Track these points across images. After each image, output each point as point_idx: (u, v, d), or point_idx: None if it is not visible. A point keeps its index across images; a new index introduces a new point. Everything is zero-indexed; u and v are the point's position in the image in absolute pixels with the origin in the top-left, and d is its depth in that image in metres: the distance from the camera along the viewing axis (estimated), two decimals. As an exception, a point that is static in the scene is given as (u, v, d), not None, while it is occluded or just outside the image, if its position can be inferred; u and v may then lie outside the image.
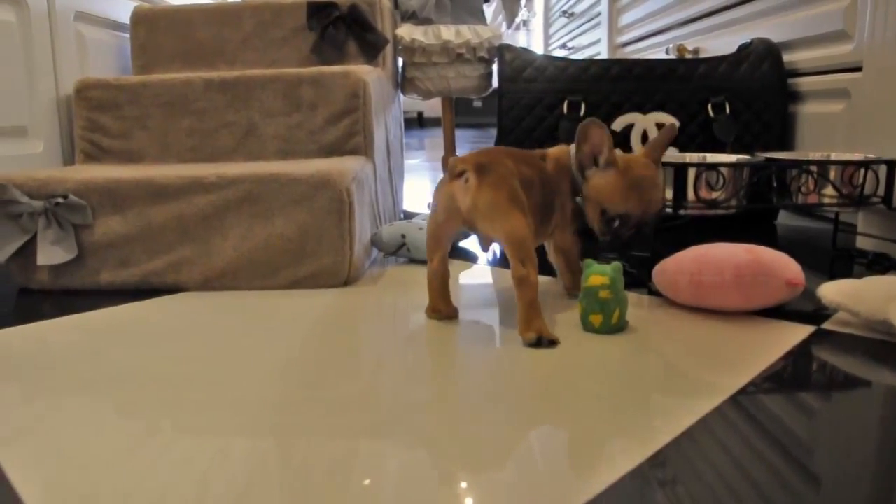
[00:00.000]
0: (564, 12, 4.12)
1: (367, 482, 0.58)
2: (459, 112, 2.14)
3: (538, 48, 5.24)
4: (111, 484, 0.59)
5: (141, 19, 1.72)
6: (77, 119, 1.48)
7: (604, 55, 3.25)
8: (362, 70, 1.41)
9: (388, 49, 1.71)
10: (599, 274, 0.93)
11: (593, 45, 3.51)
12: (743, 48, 1.69)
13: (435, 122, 7.22)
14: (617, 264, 0.94)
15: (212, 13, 1.71)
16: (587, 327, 0.94)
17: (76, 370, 0.86)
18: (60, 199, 1.21)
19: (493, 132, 1.63)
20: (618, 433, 0.66)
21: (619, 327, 0.94)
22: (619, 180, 1.01)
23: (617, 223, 1.03)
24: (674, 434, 0.65)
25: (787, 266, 0.98)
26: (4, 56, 1.36)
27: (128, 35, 1.78)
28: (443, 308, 1.02)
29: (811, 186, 1.20)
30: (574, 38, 3.99)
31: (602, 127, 1.02)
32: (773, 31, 1.72)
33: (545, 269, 1.08)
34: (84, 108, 1.47)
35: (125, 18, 1.76)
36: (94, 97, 1.47)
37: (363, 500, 0.55)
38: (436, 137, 5.69)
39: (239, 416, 0.72)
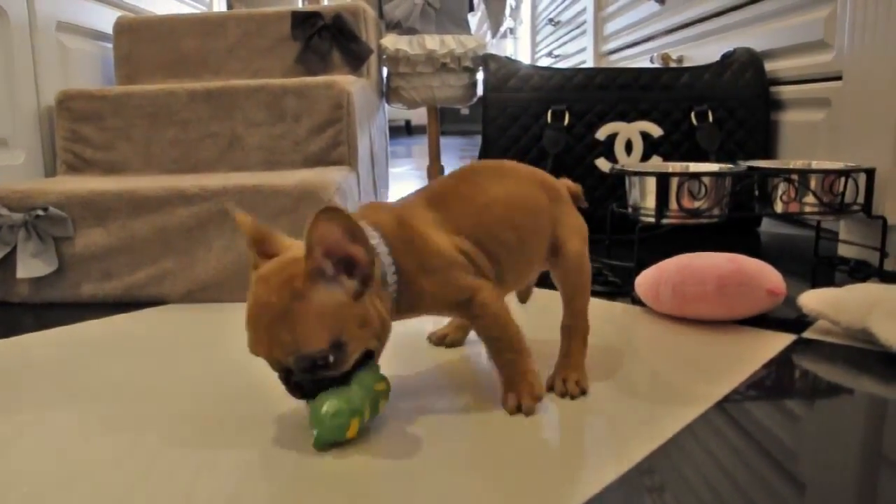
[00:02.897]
0: (551, 20, 4.14)
1: (357, 496, 0.58)
2: (446, 120, 2.15)
3: (525, 56, 5.26)
4: (95, 499, 0.58)
5: (124, 29, 1.71)
6: (59, 130, 1.47)
7: (589, 63, 3.27)
8: (346, 80, 1.41)
9: (373, 59, 1.71)
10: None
11: (579, 53, 3.53)
12: (726, 57, 1.71)
13: (422, 131, 7.22)
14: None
15: (196, 23, 1.70)
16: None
17: (59, 383, 0.86)
18: (41, 212, 1.20)
19: (480, 140, 1.64)
20: (602, 441, 0.66)
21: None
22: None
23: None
24: (659, 441, 0.65)
25: (768, 275, 0.99)
26: (-15, 67, 1.35)
27: (111, 45, 1.77)
28: (450, 332, 0.95)
29: (792, 195, 1.21)
30: (560, 46, 4.01)
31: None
32: (755, 40, 1.73)
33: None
34: (66, 119, 1.47)
35: (108, 28, 1.75)
36: (77, 108, 1.46)
37: (342, 516, 0.55)
38: (423, 146, 5.69)
39: (223, 429, 0.71)
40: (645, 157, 1.62)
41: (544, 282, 0.89)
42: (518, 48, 6.05)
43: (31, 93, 1.48)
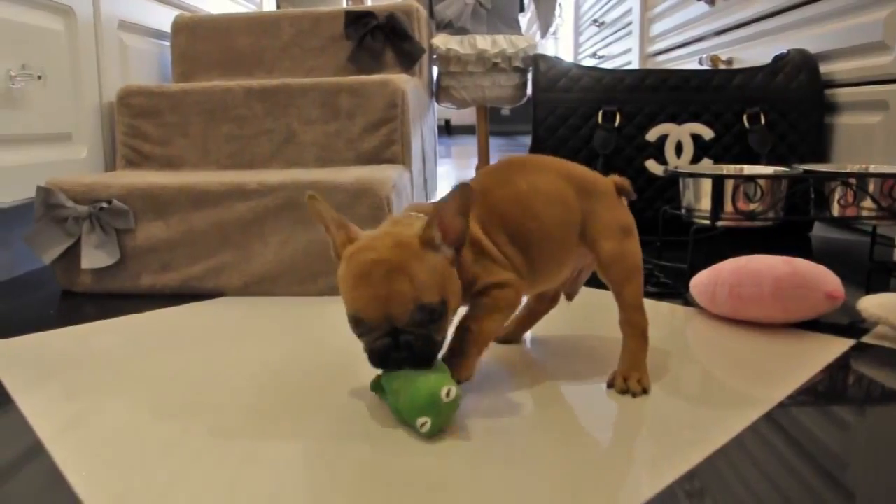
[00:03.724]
0: (595, 21, 4.12)
1: (394, 488, 0.59)
2: (489, 120, 2.16)
3: (567, 57, 5.24)
4: (144, 484, 0.60)
5: (182, 27, 1.75)
6: (119, 125, 1.51)
7: (634, 64, 3.25)
8: (401, 79, 1.43)
9: (424, 58, 1.73)
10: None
11: (624, 54, 3.51)
12: (779, 59, 1.69)
13: (462, 131, 7.24)
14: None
15: (251, 22, 1.73)
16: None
17: (116, 371, 0.88)
18: (104, 205, 1.23)
19: (523, 140, 1.64)
20: (654, 446, 0.66)
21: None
22: (343, 271, 0.71)
23: (361, 330, 0.70)
24: (715, 446, 0.65)
25: (826, 278, 0.98)
26: (53, 64, 1.39)
27: (167, 43, 1.81)
28: (509, 328, 0.94)
29: (850, 199, 1.19)
30: (605, 46, 3.99)
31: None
32: (808, 41, 1.71)
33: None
34: (126, 115, 1.50)
35: (166, 27, 1.80)
36: (137, 104, 1.50)
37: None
38: (463, 146, 5.71)
39: (274, 420, 0.73)
40: (695, 159, 1.61)
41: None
42: (559, 48, 6.03)
43: (94, 89, 1.52)
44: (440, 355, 0.72)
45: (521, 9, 1.85)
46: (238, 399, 0.78)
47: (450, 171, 3.63)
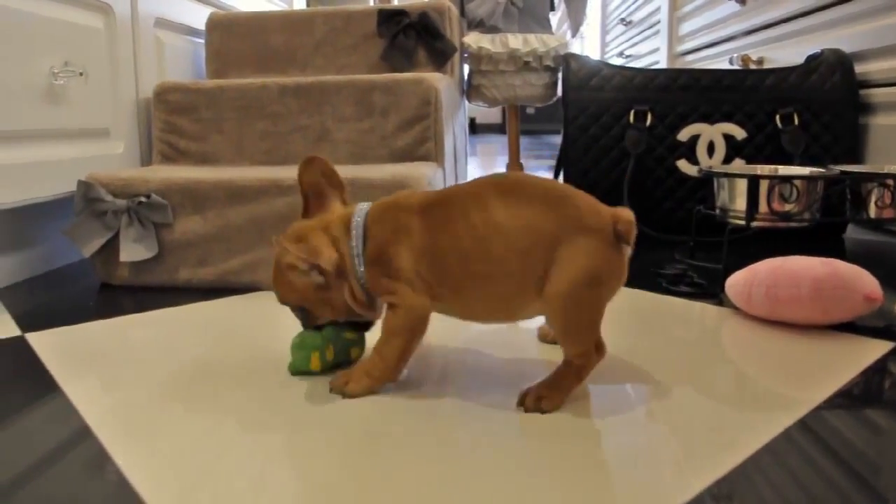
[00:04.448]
0: (622, 20, 4.11)
1: (420, 484, 0.60)
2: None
3: (593, 56, 5.22)
4: (174, 479, 0.61)
5: (216, 25, 1.77)
6: (155, 121, 1.54)
7: (662, 64, 3.23)
8: (434, 77, 1.44)
9: (455, 57, 1.74)
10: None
11: (651, 53, 3.49)
12: (812, 58, 1.68)
13: (486, 129, 7.24)
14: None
15: (285, 19, 1.75)
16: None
17: (152, 364, 0.90)
18: (143, 199, 1.25)
19: (547, 139, 1.65)
20: (691, 448, 0.66)
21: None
22: None
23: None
24: (747, 450, 0.64)
25: (864, 280, 0.97)
26: (93, 61, 1.41)
27: (201, 40, 1.83)
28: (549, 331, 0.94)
29: (887, 200, 1.18)
30: (631, 46, 3.97)
31: None
32: (841, 41, 1.70)
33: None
34: (163, 111, 1.53)
35: (200, 24, 1.82)
36: (173, 100, 1.52)
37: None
38: (488, 144, 5.71)
39: (305, 416, 0.74)
40: (727, 159, 1.60)
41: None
42: (585, 47, 6.01)
43: (131, 85, 1.54)
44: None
45: (552, 7, 1.86)
46: (269, 394, 0.79)
47: (474, 171, 3.64)
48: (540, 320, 0.86)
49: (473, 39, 1.75)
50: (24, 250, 1.38)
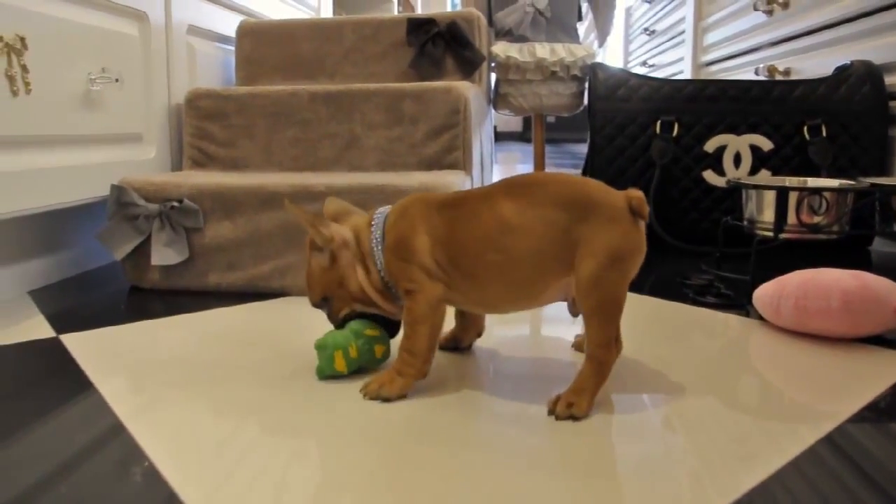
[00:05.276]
0: (646, 29, 4.10)
1: (439, 487, 0.60)
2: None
3: (616, 65, 5.21)
4: (204, 473, 0.63)
5: (247, 32, 1.79)
6: (186, 127, 1.56)
7: (686, 74, 3.23)
8: (463, 86, 1.45)
9: (483, 65, 1.75)
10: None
11: (675, 63, 3.49)
12: (841, 70, 1.67)
13: (508, 137, 7.24)
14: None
15: (314, 28, 1.77)
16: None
17: (179, 367, 0.91)
18: (175, 203, 1.27)
19: (569, 148, 1.65)
20: (716, 459, 0.66)
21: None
22: None
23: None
24: (771, 464, 0.64)
25: (894, 293, 0.97)
26: (128, 67, 1.44)
27: (231, 47, 1.86)
28: None
29: (918, 214, 1.18)
30: (655, 55, 3.97)
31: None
32: (869, 52, 1.69)
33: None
34: (194, 117, 1.55)
35: (230, 32, 1.84)
36: (204, 106, 1.54)
37: None
38: (509, 152, 5.72)
39: (329, 421, 0.74)
40: (753, 170, 1.60)
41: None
42: (607, 56, 6.00)
43: (163, 91, 1.57)
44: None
45: (580, 17, 1.86)
46: (295, 399, 0.80)
47: (497, 178, 3.64)
48: (576, 330, 0.86)
49: (501, 49, 1.76)
50: (57, 252, 1.41)
